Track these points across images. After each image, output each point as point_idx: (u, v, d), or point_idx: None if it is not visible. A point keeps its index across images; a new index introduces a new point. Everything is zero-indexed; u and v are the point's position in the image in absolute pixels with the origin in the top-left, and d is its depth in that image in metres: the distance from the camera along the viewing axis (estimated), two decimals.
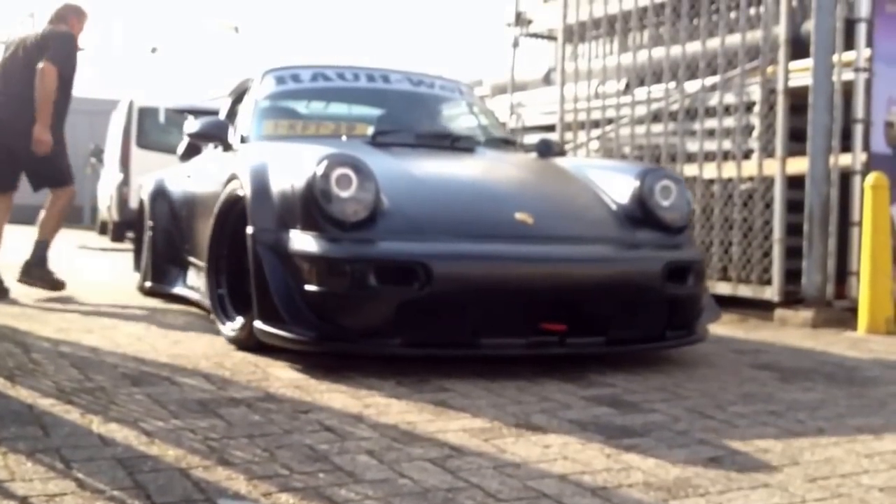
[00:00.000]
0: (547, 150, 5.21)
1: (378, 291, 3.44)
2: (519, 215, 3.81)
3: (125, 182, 11.99)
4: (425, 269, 3.41)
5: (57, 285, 5.99)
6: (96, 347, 3.97)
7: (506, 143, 5.35)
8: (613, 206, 4.13)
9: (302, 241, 3.59)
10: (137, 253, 6.79)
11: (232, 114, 5.66)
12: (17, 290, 5.80)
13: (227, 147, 4.97)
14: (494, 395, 3.19)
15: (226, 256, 4.26)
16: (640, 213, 4.08)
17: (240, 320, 4.01)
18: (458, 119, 5.67)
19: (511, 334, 3.60)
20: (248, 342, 3.83)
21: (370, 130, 5.01)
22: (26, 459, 2.30)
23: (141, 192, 6.71)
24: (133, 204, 8.41)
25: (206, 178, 5.21)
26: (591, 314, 3.73)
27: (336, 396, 3.13)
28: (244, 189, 3.94)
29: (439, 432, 2.69)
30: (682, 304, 3.92)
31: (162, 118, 7.80)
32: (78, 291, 6.08)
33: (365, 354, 3.61)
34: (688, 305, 3.96)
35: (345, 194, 3.58)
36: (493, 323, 3.58)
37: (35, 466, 2.25)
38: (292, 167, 3.79)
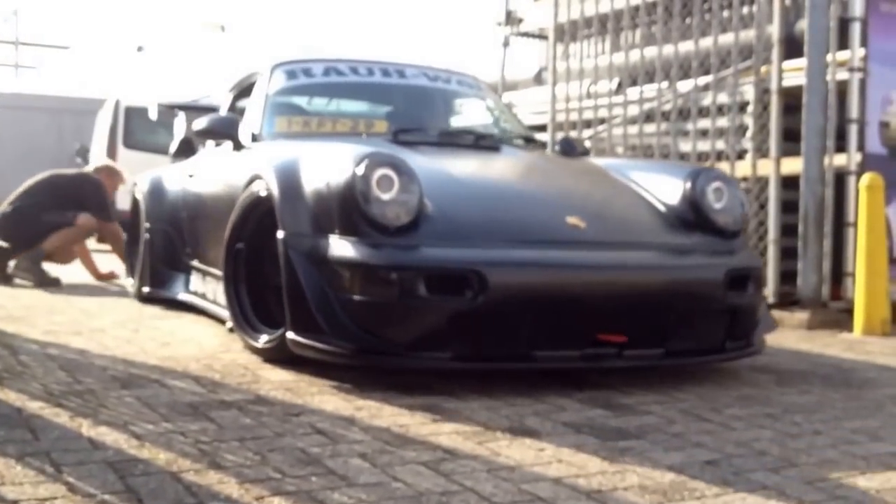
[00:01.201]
0: (570, 148, 5.01)
1: (428, 301, 3.22)
2: (571, 219, 3.61)
3: None
4: (479, 278, 3.20)
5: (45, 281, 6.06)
6: (85, 350, 3.94)
7: (529, 141, 5.12)
8: (662, 209, 3.93)
9: (341, 247, 3.35)
10: (131, 256, 6.44)
11: (232, 110, 5.47)
12: (3, 292, 5.77)
13: (238, 145, 4.69)
14: (487, 397, 3.17)
15: (245, 263, 3.99)
16: (693, 217, 3.86)
17: (270, 332, 3.74)
18: (478, 116, 5.46)
19: (566, 346, 3.38)
20: (280, 355, 3.60)
21: (388, 128, 4.76)
22: (16, 463, 2.28)
23: (135, 191, 6.37)
24: (122, 204, 8.34)
25: (214, 177, 4.99)
26: (649, 325, 3.51)
27: (328, 399, 3.10)
28: (271, 190, 3.68)
29: (432, 435, 2.67)
30: (742, 314, 3.71)
31: (154, 115, 7.74)
32: (64, 293, 6.05)
33: (412, 369, 3.38)
34: (748, 315, 3.76)
35: (386, 196, 3.36)
36: (548, 334, 3.36)
37: (25, 470, 2.23)
38: (327, 167, 3.54)
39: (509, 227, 3.54)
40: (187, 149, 6.16)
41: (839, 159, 5.79)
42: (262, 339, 3.74)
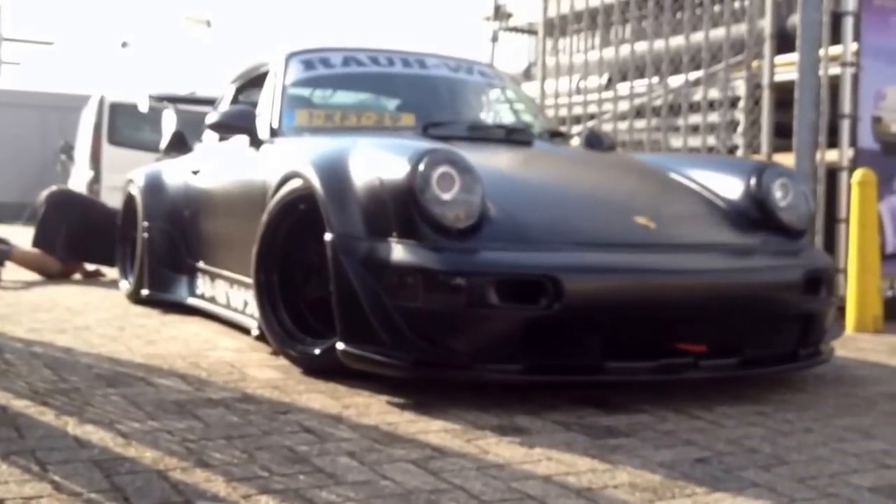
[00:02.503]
0: (597, 143, 4.79)
1: (499, 310, 2.98)
2: (639, 219, 3.42)
3: (96, 179, 11.89)
4: (555, 284, 2.97)
5: None
6: (70, 348, 3.91)
7: (558, 135, 4.88)
8: (723, 207, 3.74)
9: (400, 251, 3.10)
10: (125, 257, 6.11)
11: (235, 103, 5.25)
12: None
13: (256, 140, 4.36)
14: (476, 394, 3.14)
15: (278, 269, 3.71)
16: (758, 215, 3.67)
17: (313, 342, 3.48)
18: (503, 108, 5.20)
19: (640, 356, 3.16)
20: (326, 367, 3.36)
21: (415, 121, 4.48)
22: (1, 461, 2.27)
23: (129, 187, 5.99)
24: (116, 201, 8.27)
25: (227, 174, 4.71)
26: (726, 332, 3.32)
27: (315, 397, 3.08)
28: (314, 190, 3.42)
29: (421, 433, 2.66)
30: (815, 319, 3.50)
31: (145, 108, 7.68)
32: (48, 291, 6.01)
33: (478, 382, 3.15)
34: (821, 320, 3.54)
35: (446, 196, 3.12)
36: (622, 344, 3.16)
37: (10, 469, 2.22)
38: (380, 164, 3.28)
39: (578, 228, 3.34)
40: (179, 143, 5.99)
41: (831, 155, 5.78)
42: (305, 350, 3.50)
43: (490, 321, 3.02)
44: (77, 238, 7.13)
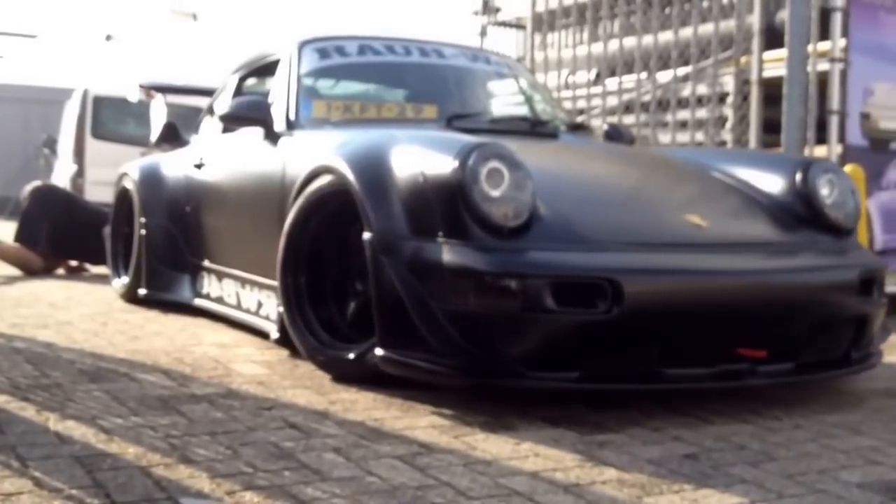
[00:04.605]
0: (618, 137, 4.67)
1: (556, 314, 2.81)
2: (691, 217, 3.28)
3: (79, 174, 11.85)
4: (614, 287, 2.81)
5: None
6: (52, 343, 3.87)
7: (581, 128, 4.73)
8: (766, 204, 3.57)
9: (448, 252, 2.91)
10: (118, 254, 5.81)
11: (238, 94, 5.04)
12: None
13: (271, 133, 4.15)
14: (463, 390, 3.12)
15: (306, 270, 3.53)
16: (805, 213, 3.51)
17: (346, 347, 3.31)
18: (522, 100, 4.98)
19: (698, 362, 3.02)
20: (362, 373, 3.18)
21: (438, 113, 4.32)
22: None
23: (123, 181, 5.70)
24: (100, 195, 8.20)
25: (239, 168, 4.49)
26: (784, 335, 3.17)
27: (300, 393, 3.06)
28: (349, 186, 3.22)
29: (407, 429, 2.64)
30: (868, 321, 3.35)
31: (136, 97, 7.64)
32: (31, 286, 5.97)
33: (532, 390, 3.00)
34: (873, 322, 3.39)
35: (496, 193, 2.94)
36: (679, 349, 3.01)
37: None
38: (423, 159, 3.10)
39: (632, 227, 3.17)
40: (171, 135, 5.80)
41: (819, 151, 5.77)
42: (337, 355, 3.32)
43: (546, 326, 2.84)
44: (60, 234, 7.08)
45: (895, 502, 2.17)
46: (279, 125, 4.15)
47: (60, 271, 7.23)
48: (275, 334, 3.75)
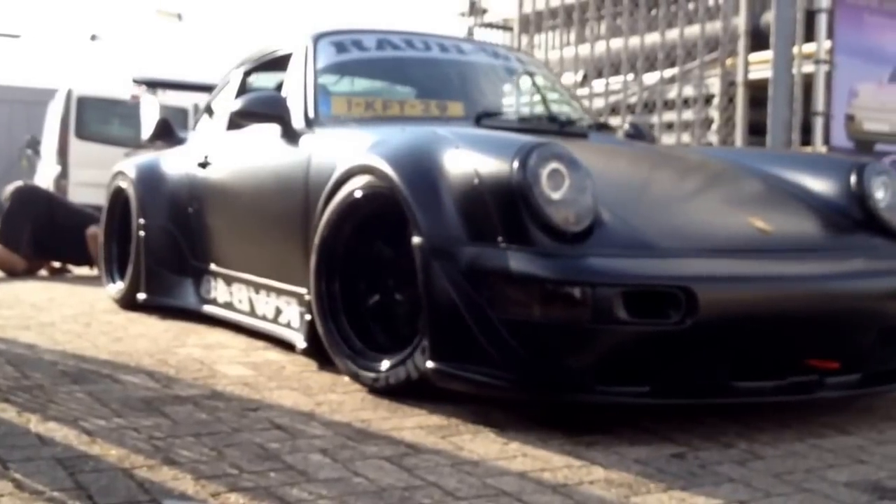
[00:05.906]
0: (640, 136, 4.54)
1: (627, 325, 2.63)
2: (756, 222, 3.13)
3: (63, 174, 11.80)
4: (688, 296, 2.63)
5: None
6: (33, 344, 3.84)
7: (606, 127, 4.58)
8: (819, 207, 3.44)
9: (510, 258, 2.71)
10: (111, 257, 5.55)
11: (243, 90, 4.82)
12: None
13: (290, 130, 3.94)
14: (450, 390, 3.10)
15: (340, 276, 3.34)
16: (859, 216, 3.38)
17: (381, 359, 3.13)
18: (544, 98, 4.78)
19: (768, 374, 2.86)
20: (401, 385, 3.01)
21: (464, 111, 4.15)
22: None
23: (118, 180, 5.44)
24: (84, 197, 8.16)
25: (252, 167, 4.26)
26: (853, 345, 3.01)
27: (286, 394, 3.04)
28: (395, 186, 3.01)
29: (394, 430, 2.63)
30: None
31: (128, 94, 7.61)
32: (12, 287, 5.94)
33: (600, 405, 2.83)
34: None
35: (556, 196, 2.75)
36: (750, 361, 2.86)
37: None
38: (477, 159, 2.89)
39: (700, 233, 3.03)
40: (166, 133, 5.58)
41: None
42: (374, 366, 3.12)
43: (616, 338, 2.67)
44: (42, 235, 7.03)
45: (882, 501, 2.17)
46: (297, 122, 3.95)
47: (43, 272, 7.18)
48: (301, 344, 3.53)
